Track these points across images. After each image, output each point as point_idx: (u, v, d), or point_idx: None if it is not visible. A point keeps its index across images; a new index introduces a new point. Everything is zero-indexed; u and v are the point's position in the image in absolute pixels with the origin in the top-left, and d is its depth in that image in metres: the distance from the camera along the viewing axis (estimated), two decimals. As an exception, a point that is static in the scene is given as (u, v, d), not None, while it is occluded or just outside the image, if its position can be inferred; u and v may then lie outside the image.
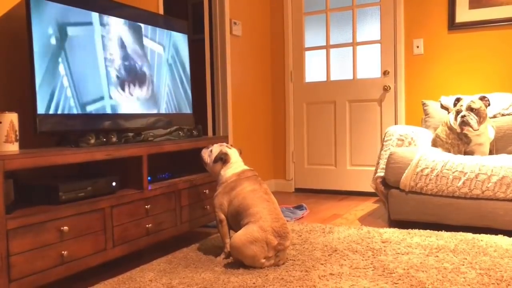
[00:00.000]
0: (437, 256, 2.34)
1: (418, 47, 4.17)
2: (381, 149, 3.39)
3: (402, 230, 2.87)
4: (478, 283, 1.97)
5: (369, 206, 3.92)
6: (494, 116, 3.43)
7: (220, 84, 4.11)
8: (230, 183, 2.44)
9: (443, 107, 3.67)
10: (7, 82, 2.33)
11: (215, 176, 2.56)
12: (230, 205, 2.40)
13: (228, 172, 2.48)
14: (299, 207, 3.73)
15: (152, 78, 2.81)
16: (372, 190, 3.88)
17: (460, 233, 2.77)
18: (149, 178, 2.61)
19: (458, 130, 3.14)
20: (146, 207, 2.44)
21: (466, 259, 2.28)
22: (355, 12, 4.44)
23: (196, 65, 3.93)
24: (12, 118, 2.04)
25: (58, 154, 1.99)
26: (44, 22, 2.17)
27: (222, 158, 2.51)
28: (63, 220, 1.99)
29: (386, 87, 4.29)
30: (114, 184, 2.31)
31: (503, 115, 3.45)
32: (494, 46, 3.90)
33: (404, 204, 3.05)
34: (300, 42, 4.70)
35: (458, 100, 3.26)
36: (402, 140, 3.32)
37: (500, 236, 2.69)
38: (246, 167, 2.52)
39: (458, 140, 3.18)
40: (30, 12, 2.11)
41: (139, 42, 2.72)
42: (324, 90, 4.60)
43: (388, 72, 4.29)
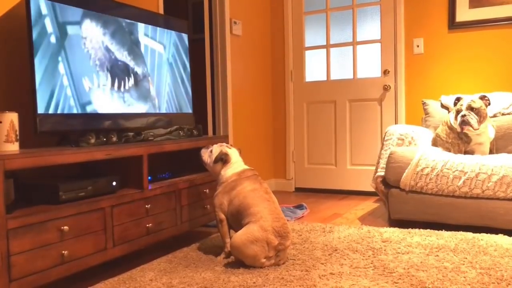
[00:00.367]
0: (437, 256, 2.34)
1: (418, 46, 4.16)
2: (381, 148, 3.38)
3: (402, 230, 2.87)
4: (478, 282, 1.97)
5: (369, 205, 3.92)
6: (494, 116, 3.43)
7: (220, 83, 4.11)
8: (231, 182, 2.43)
9: (443, 106, 3.67)
10: (7, 82, 2.33)
11: (216, 176, 2.56)
12: (230, 204, 2.40)
13: (229, 172, 2.48)
14: (299, 207, 3.73)
15: (152, 78, 2.81)
16: (372, 190, 3.88)
17: (460, 232, 2.77)
18: (149, 178, 2.62)
19: (458, 130, 3.14)
20: (146, 206, 2.44)
21: (466, 258, 2.28)
22: (355, 12, 4.44)
23: (196, 64, 3.93)
24: (12, 117, 2.04)
25: (58, 154, 1.99)
26: (44, 22, 2.17)
27: (222, 159, 2.51)
28: (63, 219, 1.99)
29: (386, 87, 4.29)
30: (114, 183, 2.32)
31: (503, 114, 3.44)
32: (494, 46, 3.89)
33: (404, 204, 3.05)
34: (300, 41, 4.70)
35: (458, 99, 3.26)
36: (402, 139, 3.32)
37: (500, 235, 2.69)
38: (246, 167, 2.52)
39: (458, 140, 3.18)
40: (30, 11, 2.11)
41: (139, 42, 2.72)
42: (324, 90, 4.60)
43: (388, 72, 4.29)
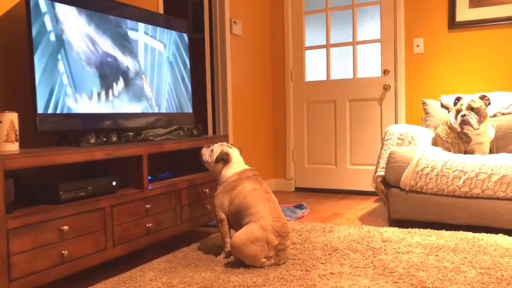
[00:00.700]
0: (437, 255, 2.34)
1: (418, 46, 4.16)
2: (381, 148, 3.38)
3: (402, 229, 2.87)
4: (478, 282, 1.97)
5: (369, 205, 3.92)
6: (494, 115, 3.43)
7: (220, 83, 4.11)
8: (231, 182, 2.44)
9: (443, 106, 3.67)
10: (7, 82, 2.33)
11: (216, 175, 2.56)
12: (230, 204, 2.40)
13: (229, 172, 2.48)
14: (299, 207, 3.73)
15: (152, 77, 2.81)
16: (372, 189, 3.88)
17: (460, 232, 2.77)
18: (149, 178, 2.61)
19: (458, 129, 3.14)
20: (146, 206, 2.44)
21: (466, 258, 2.28)
22: (355, 11, 4.44)
23: (196, 64, 3.93)
24: (12, 117, 2.04)
25: (58, 154, 1.99)
26: (43, 22, 2.17)
27: (224, 158, 2.51)
28: (63, 219, 1.99)
29: (386, 86, 4.29)
30: (114, 183, 2.31)
31: (503, 114, 3.44)
32: (494, 45, 3.89)
33: (404, 203, 3.05)
34: (300, 41, 4.70)
35: (458, 99, 3.26)
36: (402, 139, 3.32)
37: (500, 235, 2.69)
38: (247, 167, 2.52)
39: (458, 139, 3.18)
40: (30, 11, 2.11)
41: (138, 41, 2.72)
42: (324, 89, 4.60)
43: (388, 71, 4.29)
